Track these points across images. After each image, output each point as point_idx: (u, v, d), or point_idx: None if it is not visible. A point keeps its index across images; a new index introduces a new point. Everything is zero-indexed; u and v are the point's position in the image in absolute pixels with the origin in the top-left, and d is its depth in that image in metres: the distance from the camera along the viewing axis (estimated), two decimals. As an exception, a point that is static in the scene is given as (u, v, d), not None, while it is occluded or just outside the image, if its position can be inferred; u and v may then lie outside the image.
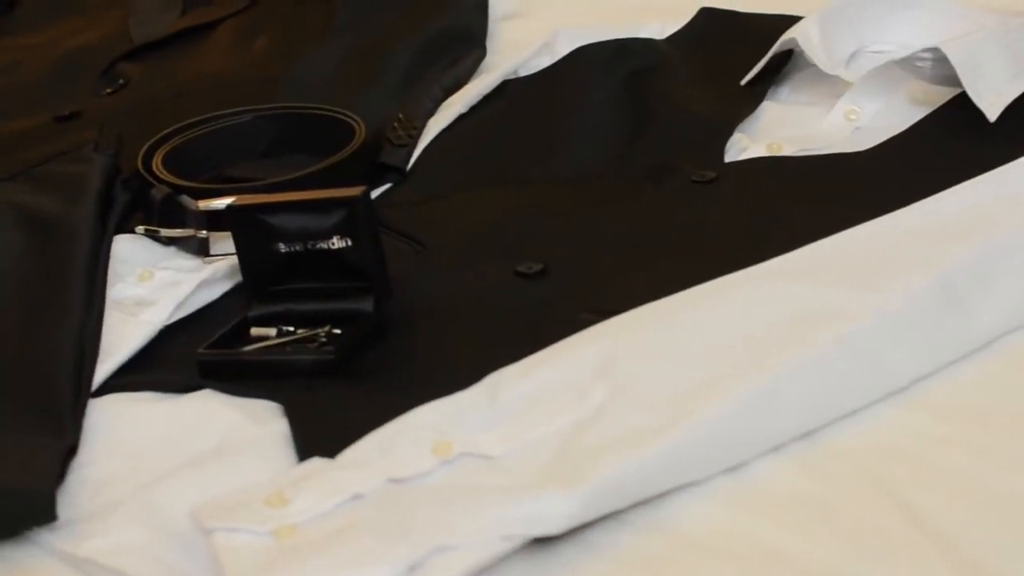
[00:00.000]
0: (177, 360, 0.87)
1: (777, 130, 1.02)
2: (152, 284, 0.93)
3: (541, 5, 1.29)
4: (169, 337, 0.89)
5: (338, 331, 0.85)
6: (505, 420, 0.75)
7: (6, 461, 0.76)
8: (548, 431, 0.74)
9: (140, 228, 0.95)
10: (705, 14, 1.15)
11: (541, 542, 0.70)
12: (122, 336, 0.88)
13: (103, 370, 0.86)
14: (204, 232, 0.94)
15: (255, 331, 0.87)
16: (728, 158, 0.98)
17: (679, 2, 1.24)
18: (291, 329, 0.86)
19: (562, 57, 1.09)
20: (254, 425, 0.80)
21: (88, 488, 0.77)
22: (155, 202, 0.96)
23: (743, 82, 1.07)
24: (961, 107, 0.98)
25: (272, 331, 0.86)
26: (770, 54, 1.06)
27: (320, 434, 0.78)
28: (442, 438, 0.73)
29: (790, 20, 1.13)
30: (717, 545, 0.70)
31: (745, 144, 1.00)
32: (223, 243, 0.95)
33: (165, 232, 0.96)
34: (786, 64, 1.08)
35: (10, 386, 0.83)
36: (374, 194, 0.99)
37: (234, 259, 0.92)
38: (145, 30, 1.30)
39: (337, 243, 0.87)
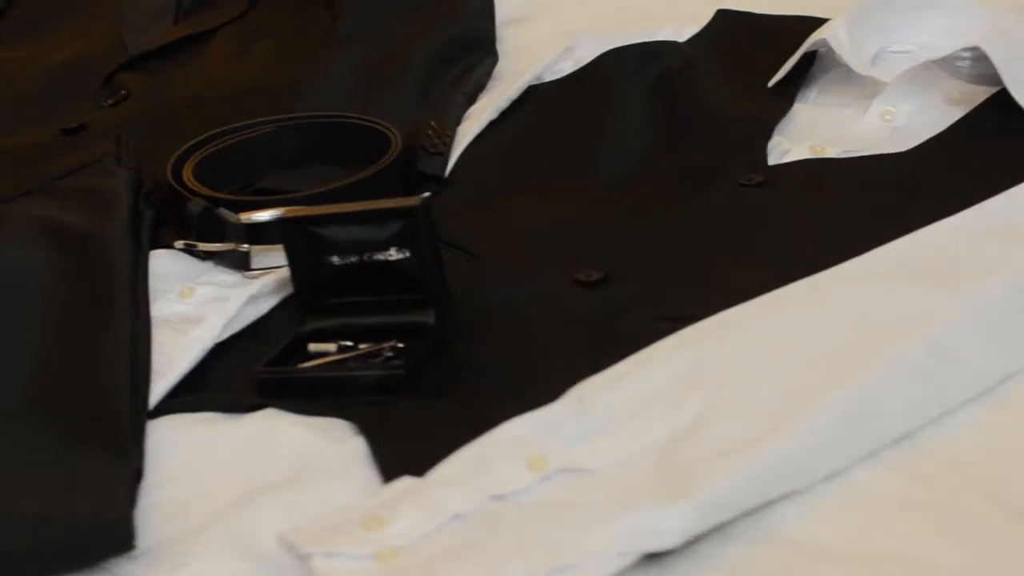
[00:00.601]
0: (231, 378, 0.85)
1: (814, 132, 1.01)
2: (195, 300, 0.90)
3: (545, 10, 1.28)
4: (219, 355, 0.86)
5: (400, 344, 0.83)
6: (598, 432, 0.73)
7: (77, 488, 0.73)
8: (645, 443, 0.72)
9: (179, 243, 0.93)
10: (722, 16, 1.14)
11: (653, 557, 0.68)
12: (173, 355, 0.85)
13: (157, 390, 0.83)
14: (245, 246, 0.92)
15: (313, 347, 0.84)
16: (771, 161, 0.97)
17: (684, 5, 1.24)
18: (349, 344, 0.85)
19: (590, 61, 1.07)
20: (330, 444, 0.77)
21: (160, 514, 0.74)
22: (193, 216, 0.93)
23: (771, 84, 1.06)
24: (1000, 105, 0.98)
25: (332, 346, 0.84)
26: (798, 55, 1.06)
27: (401, 452, 0.76)
28: (536, 453, 0.72)
29: (806, 21, 1.13)
30: (829, 553, 0.68)
31: (786, 147, 0.99)
32: (263, 257, 0.93)
33: (203, 246, 0.93)
34: (811, 65, 1.07)
35: (67, 409, 0.80)
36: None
37: (281, 272, 0.90)
38: (139, 39, 1.27)
39: (395, 254, 0.85)
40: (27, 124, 1.17)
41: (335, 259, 0.86)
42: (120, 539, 0.71)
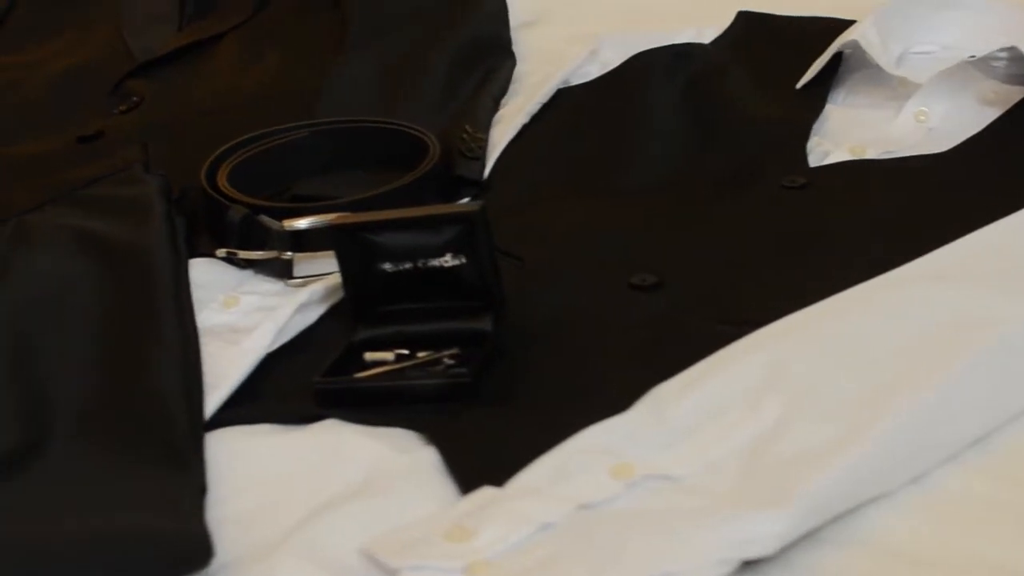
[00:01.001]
0: (284, 389, 0.83)
1: (849, 133, 1.00)
2: (240, 310, 0.88)
3: (555, 12, 1.27)
4: (269, 365, 0.84)
5: (459, 352, 0.82)
6: (679, 438, 0.72)
7: (146, 503, 0.72)
8: (727, 448, 0.71)
9: (222, 251, 0.91)
10: (743, 18, 1.14)
11: (748, 565, 0.67)
12: (224, 366, 0.83)
13: (211, 402, 0.81)
14: (288, 253, 0.90)
15: (370, 356, 0.83)
16: (811, 162, 0.97)
17: (693, 6, 1.24)
18: (405, 352, 0.83)
19: (621, 64, 1.06)
20: (398, 454, 0.76)
21: (230, 528, 0.73)
22: (233, 223, 0.91)
23: (799, 85, 1.06)
24: (1037, 105, 0.99)
25: (389, 355, 0.82)
26: (828, 56, 1.05)
27: (475, 461, 0.74)
28: (621, 461, 0.71)
29: (825, 22, 1.13)
30: (920, 558, 0.68)
31: (826, 148, 0.98)
32: (305, 264, 0.91)
33: (244, 254, 0.91)
34: (838, 67, 1.07)
35: (124, 423, 0.78)
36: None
37: (329, 280, 0.88)
38: (145, 45, 1.24)
39: (450, 260, 0.84)
40: (35, 131, 1.15)
41: (387, 266, 0.85)
42: (196, 554, 0.69)
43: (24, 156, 1.10)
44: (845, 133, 1.01)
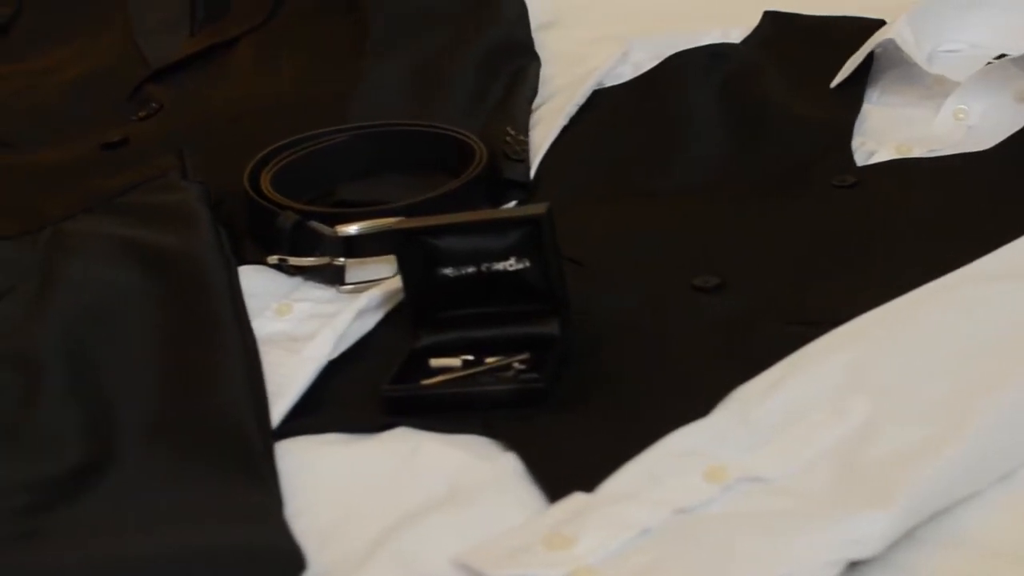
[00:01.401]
0: (346, 397, 0.82)
1: (890, 132, 1.00)
2: (294, 317, 0.87)
3: (572, 14, 1.26)
4: (328, 373, 0.83)
5: (528, 357, 0.81)
6: (765, 440, 0.72)
7: (230, 517, 0.70)
8: (817, 449, 0.71)
9: (273, 258, 0.89)
10: (771, 17, 1.13)
11: (850, 567, 0.67)
12: (285, 374, 0.82)
13: (276, 412, 0.80)
14: (341, 259, 0.89)
15: (436, 362, 0.82)
16: (857, 161, 0.97)
17: (709, 6, 1.23)
18: (470, 357, 0.82)
19: (658, 64, 1.06)
20: (480, 462, 0.75)
21: (312, 540, 0.71)
22: (284, 230, 0.89)
23: (833, 84, 1.05)
24: (1077, 103, 0.99)
25: (456, 361, 0.81)
26: (863, 55, 1.05)
27: (560, 467, 0.73)
28: (714, 463, 0.70)
29: (852, 21, 1.12)
30: (1020, 557, 0.68)
31: (871, 147, 0.98)
32: (356, 270, 0.90)
33: (295, 261, 0.90)
34: (871, 66, 1.07)
35: (194, 435, 0.76)
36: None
37: (387, 286, 0.87)
38: (159, 51, 1.22)
39: (514, 264, 0.83)
40: (54, 138, 1.13)
41: (448, 270, 0.84)
42: (289, 566, 0.68)
43: (47, 164, 1.08)
44: (886, 132, 1.01)
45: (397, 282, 0.88)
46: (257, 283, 0.90)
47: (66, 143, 1.11)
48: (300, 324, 0.87)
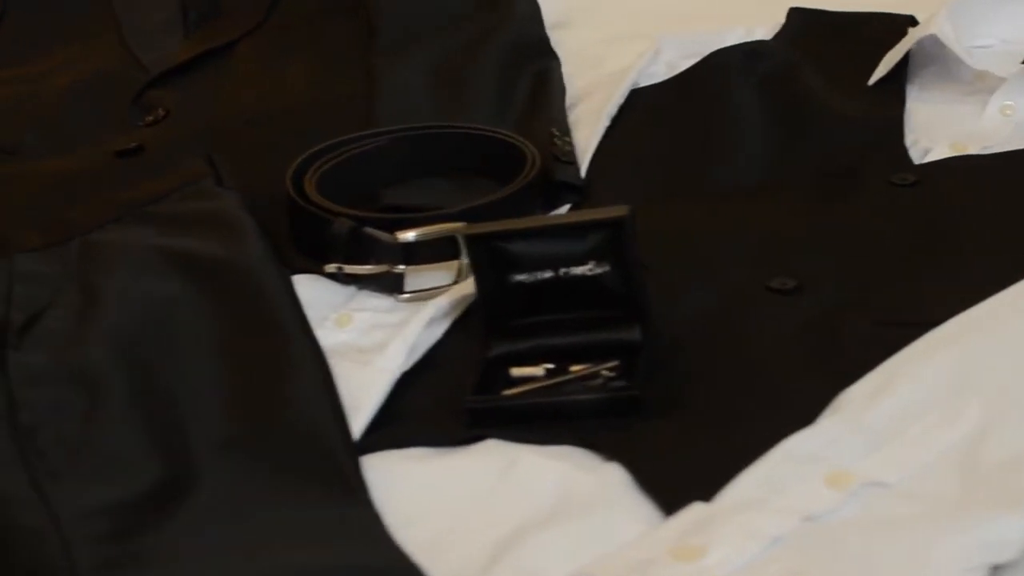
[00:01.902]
0: (424, 409, 0.79)
1: (939, 129, 0.99)
2: (355, 328, 0.83)
3: (583, 13, 1.24)
4: (400, 384, 0.80)
5: (616, 365, 0.78)
6: (880, 445, 0.70)
7: (335, 534, 0.67)
8: (936, 451, 0.69)
9: (331, 267, 0.86)
10: (797, 14, 1.12)
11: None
12: (358, 387, 0.78)
13: (355, 426, 0.76)
14: (400, 267, 0.86)
15: (517, 371, 0.79)
16: (913, 159, 0.95)
17: (714, 7, 1.22)
18: (551, 366, 0.79)
19: (694, 64, 1.04)
20: (584, 474, 0.72)
21: (420, 557, 0.68)
22: (340, 237, 0.86)
23: (871, 81, 1.04)
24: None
25: (539, 370, 0.78)
26: (903, 51, 1.03)
27: (668, 476, 0.71)
28: (836, 469, 0.68)
29: (879, 16, 1.11)
30: None
31: (925, 144, 0.96)
32: (414, 278, 0.87)
33: (352, 269, 0.86)
34: (907, 62, 1.06)
35: (274, 450, 0.73)
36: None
37: (455, 293, 0.84)
38: (155, 55, 1.18)
39: (593, 268, 0.80)
40: (61, 146, 1.08)
41: (523, 276, 0.81)
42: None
43: (59, 172, 1.04)
44: (936, 129, 0.99)
45: (461, 289, 0.85)
46: (311, 292, 0.86)
47: (74, 150, 1.07)
48: (364, 335, 0.83)
